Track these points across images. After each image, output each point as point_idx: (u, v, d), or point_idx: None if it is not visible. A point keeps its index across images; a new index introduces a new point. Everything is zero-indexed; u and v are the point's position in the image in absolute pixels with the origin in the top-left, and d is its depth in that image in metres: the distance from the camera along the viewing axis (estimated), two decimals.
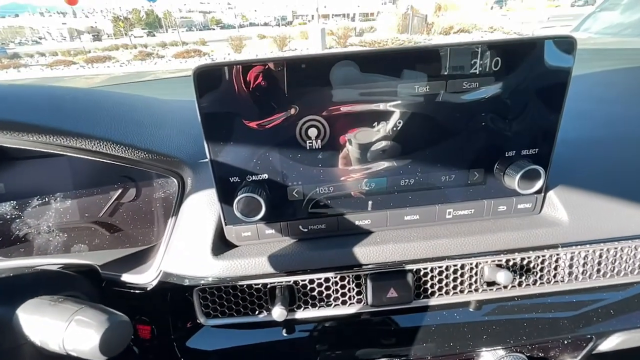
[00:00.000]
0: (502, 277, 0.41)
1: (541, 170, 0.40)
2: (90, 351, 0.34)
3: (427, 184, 0.42)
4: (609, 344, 0.41)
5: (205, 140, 0.37)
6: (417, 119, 0.37)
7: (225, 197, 0.40)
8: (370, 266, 0.43)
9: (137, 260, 0.55)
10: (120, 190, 0.65)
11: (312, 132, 0.38)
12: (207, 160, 0.38)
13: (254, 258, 0.42)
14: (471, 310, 0.44)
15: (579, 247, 0.43)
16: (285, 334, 0.45)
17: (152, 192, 0.64)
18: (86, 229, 0.67)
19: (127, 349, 0.48)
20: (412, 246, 0.43)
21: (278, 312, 0.40)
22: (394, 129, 0.38)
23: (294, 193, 0.41)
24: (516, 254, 0.43)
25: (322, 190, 0.41)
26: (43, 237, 0.67)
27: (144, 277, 0.47)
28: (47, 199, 0.65)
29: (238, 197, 0.38)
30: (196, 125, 0.37)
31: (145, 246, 0.60)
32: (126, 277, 0.49)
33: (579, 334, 0.40)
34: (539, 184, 0.41)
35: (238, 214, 0.39)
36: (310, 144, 0.39)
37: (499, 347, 0.40)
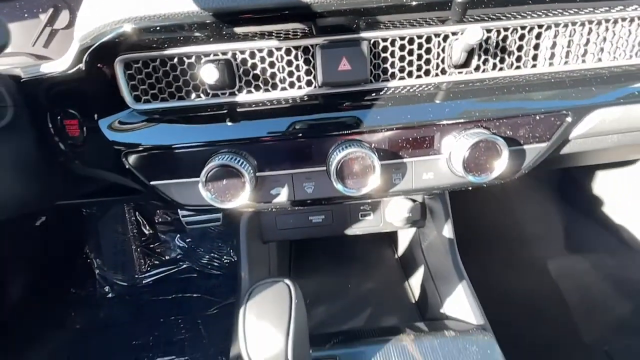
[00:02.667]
0: (473, 34, 0.33)
1: None
2: None
3: None
4: (586, 126, 0.36)
5: None
6: None
7: None
8: (320, 39, 0.36)
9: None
10: (50, 12, 0.56)
11: None
12: None
13: None
14: (436, 93, 0.38)
15: (565, 15, 0.35)
16: (228, 123, 0.38)
17: None
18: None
19: (61, 151, 0.42)
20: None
21: (209, 73, 0.32)
22: None
23: None
24: (493, 23, 0.35)
25: None
26: None
27: (63, 63, 0.40)
28: None
29: None
30: None
31: None
32: (45, 68, 0.43)
33: (552, 109, 0.35)
34: None
35: None
36: None
37: (463, 120, 0.34)
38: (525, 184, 1.33)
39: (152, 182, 0.35)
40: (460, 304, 0.46)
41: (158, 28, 0.34)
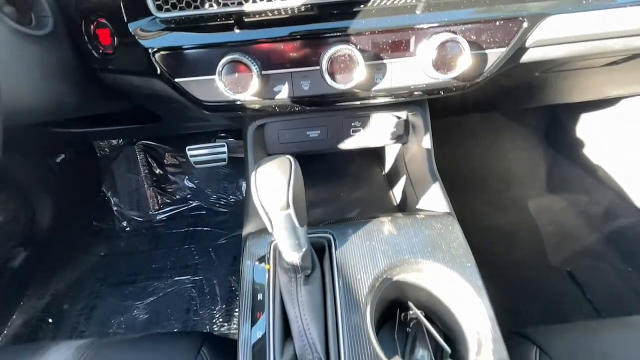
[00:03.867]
0: None
1: None
2: None
3: None
4: (541, 33, 0.42)
5: None
6: None
7: None
8: None
9: None
10: None
11: None
12: None
13: None
14: (415, 6, 0.44)
15: None
16: (236, 30, 0.43)
17: None
18: None
19: (95, 59, 0.47)
20: None
21: None
22: None
23: None
24: None
25: None
26: None
27: None
28: None
29: None
30: None
31: None
32: None
33: (510, 16, 0.41)
34: None
35: None
36: None
37: (434, 25, 0.41)
38: (515, 130, 1.39)
39: (176, 80, 0.42)
40: (432, 200, 0.56)
41: None
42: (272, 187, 0.34)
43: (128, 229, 1.32)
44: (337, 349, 0.38)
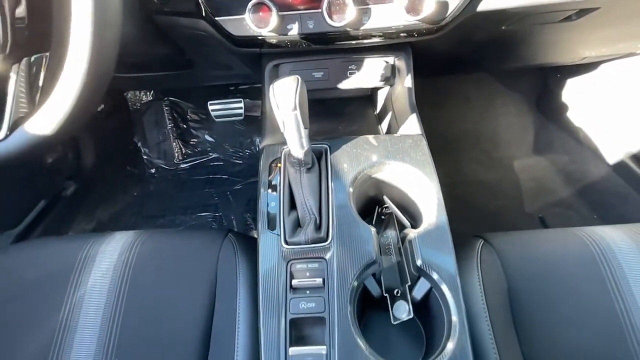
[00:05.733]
0: None
1: None
2: None
3: None
4: None
5: None
6: None
7: None
8: None
9: None
10: None
11: None
12: None
13: None
14: None
15: None
16: None
17: None
18: None
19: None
20: None
21: None
22: None
23: None
24: None
25: None
26: None
27: None
28: None
29: None
30: None
31: None
32: None
33: None
34: None
35: None
36: None
37: None
38: (507, 96, 1.50)
39: (216, 18, 0.57)
40: (409, 126, 0.71)
41: None
42: (285, 93, 0.50)
43: (156, 175, 1.51)
44: (327, 211, 0.55)
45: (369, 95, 0.89)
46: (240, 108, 1.35)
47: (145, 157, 1.53)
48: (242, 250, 0.64)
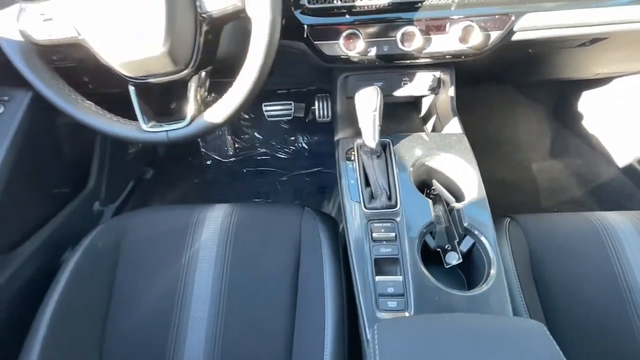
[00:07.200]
0: None
1: None
2: None
3: None
4: (523, 22, 0.73)
5: None
6: None
7: None
8: None
9: None
10: None
11: None
12: None
13: None
14: (450, 4, 0.76)
15: None
16: (347, 15, 0.71)
17: None
18: None
19: None
20: None
21: None
22: None
23: None
24: None
25: None
26: None
27: None
28: None
29: None
30: None
31: None
32: None
33: (503, 12, 0.72)
34: None
35: None
36: None
37: (461, 17, 0.73)
38: (527, 105, 1.67)
39: (315, 42, 0.76)
40: (451, 127, 0.89)
41: None
42: (368, 99, 0.69)
43: (211, 165, 1.73)
44: (395, 186, 0.74)
45: (413, 101, 1.08)
46: (290, 110, 1.56)
47: (202, 150, 1.75)
48: (319, 216, 0.83)
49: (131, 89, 0.64)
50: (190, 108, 0.63)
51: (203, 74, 0.64)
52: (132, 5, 0.54)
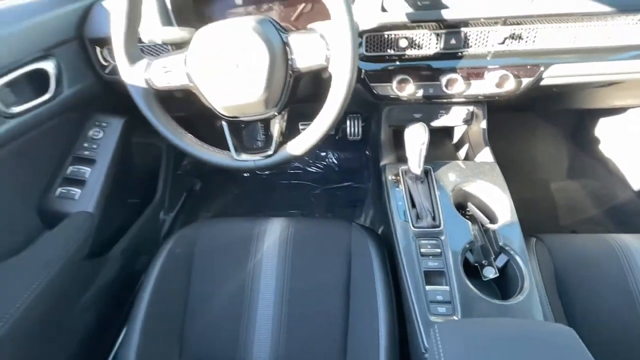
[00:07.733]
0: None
1: None
2: None
3: None
4: (551, 71, 0.86)
5: None
6: None
7: None
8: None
9: None
10: None
11: None
12: None
13: None
14: (487, 54, 0.89)
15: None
16: (396, 61, 0.92)
17: None
18: None
19: None
20: None
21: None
22: None
23: None
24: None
25: None
26: None
27: None
28: None
29: None
30: None
31: None
32: None
33: (534, 63, 0.85)
34: None
35: None
36: None
37: (496, 67, 0.86)
38: (547, 130, 1.78)
39: (371, 84, 0.90)
40: (483, 156, 1.02)
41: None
42: (417, 134, 0.82)
43: (249, 179, 1.88)
44: (438, 208, 0.86)
45: (447, 130, 1.21)
46: None
47: None
48: (366, 230, 0.96)
49: (225, 124, 0.79)
50: (274, 141, 0.77)
51: (284, 113, 0.78)
52: (239, 60, 0.68)
